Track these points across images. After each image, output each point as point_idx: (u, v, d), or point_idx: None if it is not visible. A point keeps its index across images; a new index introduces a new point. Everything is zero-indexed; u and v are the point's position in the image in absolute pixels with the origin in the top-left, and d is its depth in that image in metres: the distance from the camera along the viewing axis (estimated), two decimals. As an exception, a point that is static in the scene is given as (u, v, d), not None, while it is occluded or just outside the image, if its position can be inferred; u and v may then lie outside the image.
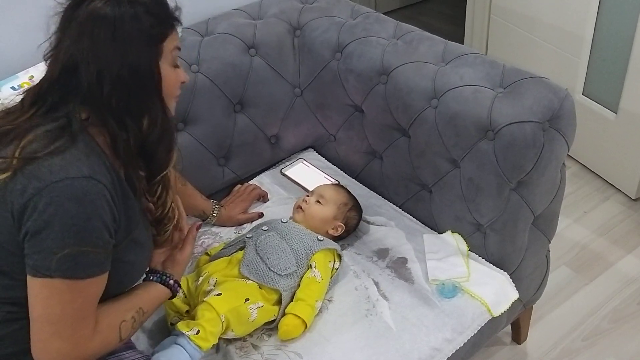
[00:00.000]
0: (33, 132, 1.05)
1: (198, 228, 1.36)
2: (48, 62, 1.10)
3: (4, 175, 1.02)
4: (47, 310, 1.04)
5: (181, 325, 1.29)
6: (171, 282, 1.27)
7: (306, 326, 1.39)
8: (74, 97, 1.06)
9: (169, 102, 1.15)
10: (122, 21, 1.04)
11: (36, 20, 1.58)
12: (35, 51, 1.56)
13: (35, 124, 1.07)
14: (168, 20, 1.12)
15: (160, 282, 1.26)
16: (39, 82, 1.11)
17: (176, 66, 1.16)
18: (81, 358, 1.08)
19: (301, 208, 1.62)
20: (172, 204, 1.26)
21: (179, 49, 1.16)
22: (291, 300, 1.43)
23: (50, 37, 1.09)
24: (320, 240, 1.52)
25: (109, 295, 1.13)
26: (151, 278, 1.27)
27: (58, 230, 1.00)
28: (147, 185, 1.18)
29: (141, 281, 1.27)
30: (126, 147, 1.09)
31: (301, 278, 1.46)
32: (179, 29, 1.15)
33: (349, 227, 1.63)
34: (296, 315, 1.38)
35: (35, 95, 1.10)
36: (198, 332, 1.27)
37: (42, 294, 1.04)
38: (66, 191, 1.01)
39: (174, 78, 1.15)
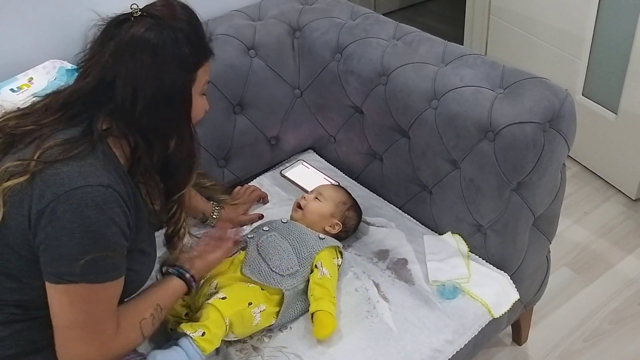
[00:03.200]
0: (54, 137, 1.07)
1: (236, 243, 1.38)
2: (81, 71, 1.14)
3: (22, 179, 1.03)
4: (70, 316, 1.06)
5: (185, 326, 1.28)
6: (187, 275, 1.28)
7: None
8: (103, 109, 1.09)
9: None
10: (164, 46, 1.08)
11: (35, 22, 1.60)
12: (35, 53, 1.58)
13: (57, 129, 1.09)
14: (204, 50, 1.16)
15: (177, 275, 1.27)
16: (69, 89, 1.13)
17: (203, 95, 1.21)
18: (107, 359, 1.10)
19: (299, 206, 1.62)
20: (184, 223, 1.29)
21: (209, 81, 1.21)
22: (297, 300, 1.43)
23: (86, 48, 1.13)
24: (322, 239, 1.52)
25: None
26: (169, 271, 1.29)
27: (78, 236, 1.02)
28: (164, 203, 1.21)
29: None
30: (148, 164, 1.13)
31: (305, 278, 1.45)
32: (211, 62, 1.20)
33: (347, 227, 1.62)
34: (325, 311, 1.38)
35: (64, 102, 1.12)
36: (203, 333, 1.26)
37: (65, 300, 1.05)
38: (85, 198, 1.02)
39: (200, 106, 1.20)
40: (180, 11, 1.14)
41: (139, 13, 1.11)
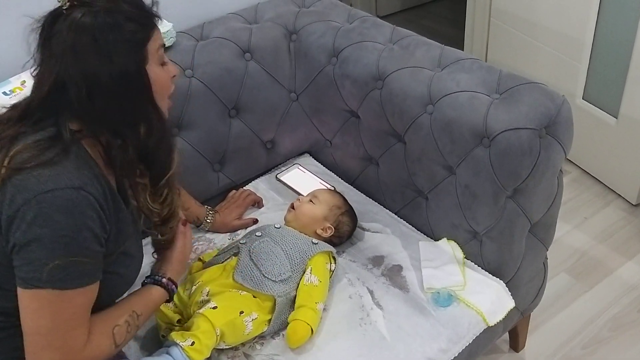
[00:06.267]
0: (22, 141, 1.04)
1: (184, 223, 1.33)
2: (35, 80, 1.09)
3: None
4: (38, 322, 1.04)
5: (175, 335, 1.27)
6: (164, 280, 1.25)
7: (312, 330, 1.37)
8: (65, 113, 1.05)
9: (162, 103, 1.14)
10: (102, 31, 1.02)
11: (28, 25, 1.59)
12: (28, 56, 1.56)
13: (23, 133, 1.06)
14: (148, 21, 1.09)
15: (152, 283, 1.25)
16: (28, 99, 1.09)
17: (164, 63, 1.14)
18: None
19: (293, 207, 1.61)
20: (177, 203, 1.26)
21: (164, 45, 1.14)
22: (289, 307, 1.42)
23: (33, 55, 1.07)
24: (315, 244, 1.50)
25: (99, 306, 1.12)
26: (145, 281, 1.26)
27: (47, 241, 1.00)
28: (152, 189, 1.17)
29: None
30: (124, 156, 1.09)
31: (297, 284, 1.44)
32: (161, 26, 1.13)
33: (341, 233, 1.61)
34: (300, 320, 1.36)
35: (23, 112, 1.09)
36: (193, 343, 1.25)
37: (32, 306, 1.03)
38: (55, 202, 1.00)
39: (164, 76, 1.13)
40: None
41: (68, 4, 1.03)
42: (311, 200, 1.62)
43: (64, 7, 1.03)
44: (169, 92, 1.17)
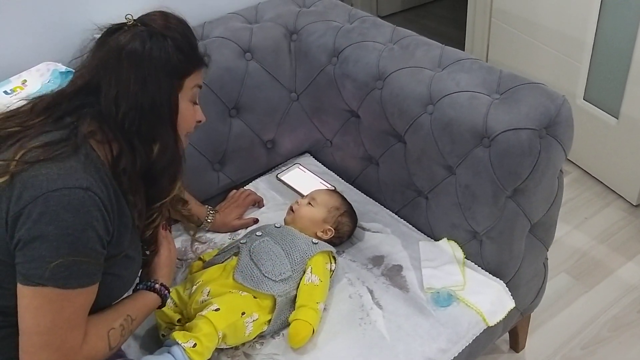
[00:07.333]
0: (37, 139, 1.07)
1: (165, 228, 1.35)
2: (74, 74, 1.16)
3: (1, 180, 1.03)
4: (37, 320, 1.04)
5: (177, 335, 1.27)
6: (157, 286, 1.27)
7: (313, 330, 1.37)
8: (88, 111, 1.10)
9: (180, 136, 1.19)
10: (150, 52, 1.10)
11: (28, 25, 1.59)
12: (29, 55, 1.57)
13: (41, 131, 1.09)
14: (195, 60, 1.18)
15: (146, 289, 1.27)
16: (56, 92, 1.15)
17: (195, 103, 1.21)
18: None
19: (292, 210, 1.61)
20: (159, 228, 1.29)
21: (200, 87, 1.21)
22: (289, 307, 1.42)
23: (83, 55, 1.15)
24: (315, 244, 1.50)
25: (97, 308, 1.13)
26: (138, 287, 1.28)
27: (53, 239, 1.00)
28: (144, 208, 1.19)
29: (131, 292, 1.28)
30: (131, 168, 1.12)
31: (297, 283, 1.44)
32: (204, 71, 1.21)
33: (341, 233, 1.61)
34: (302, 320, 1.36)
35: (49, 104, 1.13)
36: (195, 345, 1.25)
37: (33, 304, 1.03)
38: (62, 201, 1.01)
39: (190, 114, 1.20)
40: (174, 22, 1.15)
41: (133, 22, 1.13)
42: (310, 203, 1.61)
43: (128, 24, 1.12)
44: (189, 131, 1.22)
